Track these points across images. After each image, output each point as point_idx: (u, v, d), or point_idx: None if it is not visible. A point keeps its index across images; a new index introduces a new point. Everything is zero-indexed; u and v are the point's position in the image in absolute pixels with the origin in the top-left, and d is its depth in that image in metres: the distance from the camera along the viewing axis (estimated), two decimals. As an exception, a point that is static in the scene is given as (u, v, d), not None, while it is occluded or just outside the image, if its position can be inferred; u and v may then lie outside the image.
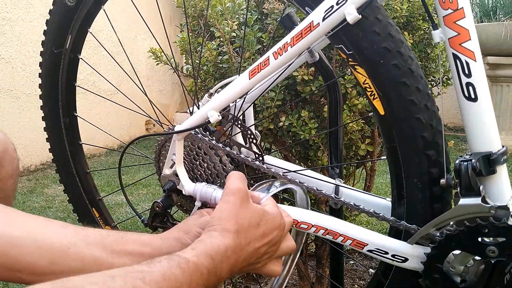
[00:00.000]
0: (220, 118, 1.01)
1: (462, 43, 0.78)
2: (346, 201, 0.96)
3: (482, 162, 0.79)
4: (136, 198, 2.91)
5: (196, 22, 1.58)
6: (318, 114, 1.40)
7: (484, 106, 0.80)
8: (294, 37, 0.88)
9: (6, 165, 1.11)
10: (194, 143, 1.10)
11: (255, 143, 1.21)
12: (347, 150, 1.47)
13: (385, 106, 0.84)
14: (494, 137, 0.81)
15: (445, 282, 0.85)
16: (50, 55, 1.33)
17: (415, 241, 0.87)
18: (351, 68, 0.86)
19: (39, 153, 3.76)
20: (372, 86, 0.84)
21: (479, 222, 0.78)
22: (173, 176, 1.12)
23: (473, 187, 0.79)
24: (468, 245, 0.81)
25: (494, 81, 4.25)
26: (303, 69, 1.30)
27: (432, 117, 0.84)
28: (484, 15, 4.22)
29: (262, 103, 1.36)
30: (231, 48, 1.39)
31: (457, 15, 0.77)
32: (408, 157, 0.86)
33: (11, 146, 1.13)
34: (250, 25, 1.36)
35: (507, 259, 0.78)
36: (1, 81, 3.55)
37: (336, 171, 1.15)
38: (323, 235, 0.95)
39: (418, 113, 0.82)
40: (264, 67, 0.93)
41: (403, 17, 1.37)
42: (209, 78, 1.47)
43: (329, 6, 0.83)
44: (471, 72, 0.79)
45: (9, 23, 3.58)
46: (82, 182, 1.47)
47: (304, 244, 1.81)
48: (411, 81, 0.82)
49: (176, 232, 0.95)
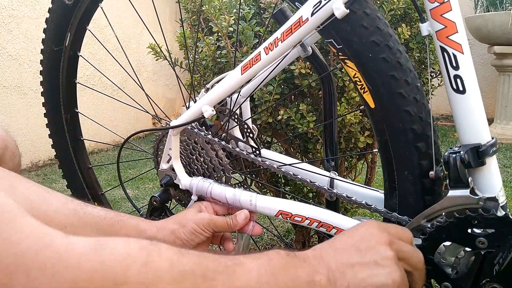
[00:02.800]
0: (214, 113, 1.02)
1: (449, 35, 0.78)
2: (338, 193, 0.96)
3: (470, 154, 0.79)
4: (142, 192, 2.94)
5: (196, 17, 1.59)
6: (316, 107, 1.41)
7: (472, 98, 0.80)
8: (284, 32, 0.89)
9: (7, 161, 1.14)
10: (191, 138, 1.12)
11: (252, 136, 1.22)
12: (346, 142, 1.48)
13: (375, 99, 0.85)
14: (483, 129, 0.81)
15: (436, 273, 0.86)
16: (50, 53, 1.34)
17: (407, 233, 0.88)
18: (342, 62, 0.87)
19: (47, 149, 3.76)
20: (362, 80, 0.85)
21: (468, 214, 0.79)
22: (170, 170, 1.13)
23: (462, 179, 0.79)
24: (458, 237, 0.82)
25: (501, 71, 4.22)
26: (300, 63, 1.31)
27: (421, 109, 0.84)
28: (491, 4, 4.18)
29: (260, 97, 1.37)
30: (229, 43, 1.40)
31: (443, 8, 0.77)
32: (398, 150, 0.86)
33: (12, 143, 1.15)
34: (248, 19, 1.37)
35: (496, 250, 0.78)
36: (8, 77, 3.59)
37: (331, 164, 1.15)
38: (317, 228, 0.96)
39: (407, 106, 0.83)
40: (255, 62, 0.94)
41: (400, 9, 1.37)
42: (208, 73, 1.48)
43: (317, 1, 0.83)
44: (458, 64, 0.79)
45: (16, 20, 3.62)
46: (84, 177, 1.49)
47: (307, 236, 1.82)
48: (400, 74, 0.82)
49: (172, 223, 0.97)
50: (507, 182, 2.87)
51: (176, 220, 0.98)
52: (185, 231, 0.95)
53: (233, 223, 0.97)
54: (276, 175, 1.61)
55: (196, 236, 0.95)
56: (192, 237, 0.95)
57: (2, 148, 1.11)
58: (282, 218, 0.97)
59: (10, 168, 1.15)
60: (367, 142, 1.48)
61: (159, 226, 0.95)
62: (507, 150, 3.69)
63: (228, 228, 0.98)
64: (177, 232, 0.94)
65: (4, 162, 1.12)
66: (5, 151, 1.12)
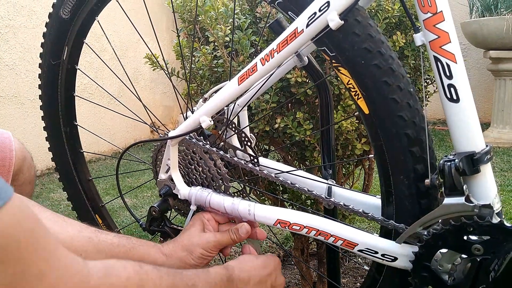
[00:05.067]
0: (212, 123, 1.03)
1: (443, 45, 0.80)
2: (335, 201, 0.97)
3: (465, 162, 0.80)
4: (141, 201, 2.94)
5: (192, 27, 1.60)
6: (313, 115, 1.42)
7: (466, 107, 0.81)
8: (280, 44, 0.90)
9: (25, 171, 1.17)
10: (189, 148, 1.12)
11: (250, 145, 1.23)
12: (344, 149, 1.49)
13: (369, 105, 0.86)
14: (477, 137, 0.82)
15: (434, 280, 0.86)
16: (48, 67, 1.35)
17: (404, 240, 0.88)
18: (335, 70, 0.88)
19: (45, 158, 3.79)
20: (356, 86, 0.86)
21: (464, 221, 0.80)
22: (169, 180, 1.14)
23: (457, 186, 0.80)
24: (454, 244, 0.83)
25: (497, 75, 4.24)
26: (296, 72, 1.32)
27: (415, 114, 0.85)
28: (486, 9, 4.21)
29: (257, 105, 1.38)
30: (225, 52, 1.41)
31: (436, 18, 0.79)
32: (393, 154, 0.87)
33: (28, 155, 1.20)
34: (244, 29, 1.38)
35: (492, 257, 0.79)
36: (5, 87, 3.60)
37: (329, 172, 1.16)
38: (315, 236, 0.96)
39: (400, 111, 0.84)
40: (252, 73, 0.95)
41: (395, 17, 1.38)
42: (205, 82, 1.49)
43: (312, 13, 0.85)
44: (452, 74, 0.80)
45: (12, 30, 3.63)
46: (85, 190, 1.50)
47: (305, 243, 1.83)
48: (392, 80, 0.84)
49: (180, 251, 0.99)
50: (504, 186, 2.88)
51: (184, 246, 1.00)
52: (194, 257, 0.99)
53: (237, 238, 1.01)
54: (274, 183, 1.61)
55: (204, 259, 1.00)
56: (201, 260, 0.99)
57: (21, 159, 1.14)
58: (280, 227, 0.98)
59: (28, 178, 1.19)
60: (364, 149, 1.49)
61: (168, 254, 0.98)
62: (504, 154, 3.70)
63: (233, 243, 1.03)
64: (186, 259, 0.98)
65: (22, 172, 1.16)
66: (23, 162, 1.16)
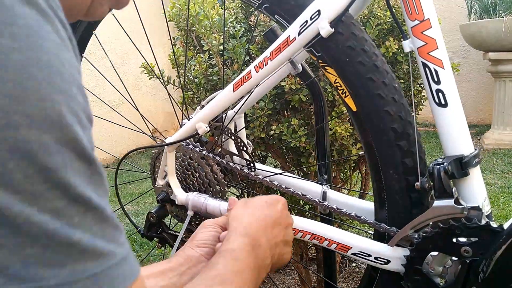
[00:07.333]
0: (208, 129, 1.05)
1: (430, 52, 0.81)
2: (329, 205, 0.99)
3: (454, 165, 0.82)
4: (142, 207, 2.96)
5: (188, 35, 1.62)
6: (308, 121, 1.44)
7: (454, 111, 0.83)
8: (273, 51, 0.92)
9: None
10: (186, 154, 1.14)
11: (246, 151, 1.24)
12: (340, 155, 1.50)
13: (356, 102, 0.89)
14: (465, 140, 0.84)
15: (426, 283, 0.88)
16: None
17: (395, 243, 0.90)
18: (322, 69, 0.90)
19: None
20: (343, 84, 0.89)
21: (452, 223, 0.81)
22: (166, 186, 1.16)
23: (446, 189, 0.82)
24: (444, 246, 0.84)
25: (496, 77, 4.25)
26: (290, 79, 1.34)
27: (401, 109, 0.87)
28: (484, 11, 4.23)
29: (252, 112, 1.40)
30: (220, 61, 1.43)
31: (423, 25, 0.81)
32: (382, 149, 0.89)
33: None
34: (238, 37, 1.40)
35: (480, 258, 0.80)
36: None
37: (324, 177, 1.18)
38: (310, 240, 0.98)
39: (386, 106, 0.86)
40: (246, 80, 0.97)
41: (387, 23, 1.40)
42: (201, 90, 1.51)
43: (303, 21, 0.87)
44: (440, 79, 0.82)
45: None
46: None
47: (304, 249, 1.84)
48: (377, 76, 0.86)
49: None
50: (505, 188, 2.88)
51: None
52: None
53: None
54: (271, 188, 1.63)
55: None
56: None
57: None
58: (275, 231, 1.00)
59: None
60: (360, 154, 1.51)
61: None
62: (505, 156, 3.70)
63: None
64: None
65: None
66: None
